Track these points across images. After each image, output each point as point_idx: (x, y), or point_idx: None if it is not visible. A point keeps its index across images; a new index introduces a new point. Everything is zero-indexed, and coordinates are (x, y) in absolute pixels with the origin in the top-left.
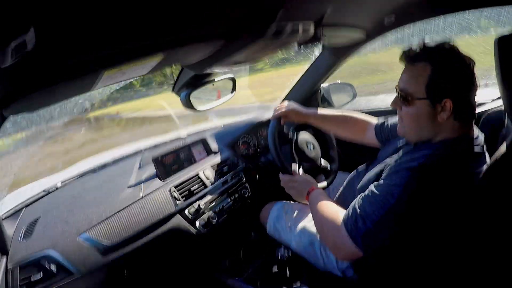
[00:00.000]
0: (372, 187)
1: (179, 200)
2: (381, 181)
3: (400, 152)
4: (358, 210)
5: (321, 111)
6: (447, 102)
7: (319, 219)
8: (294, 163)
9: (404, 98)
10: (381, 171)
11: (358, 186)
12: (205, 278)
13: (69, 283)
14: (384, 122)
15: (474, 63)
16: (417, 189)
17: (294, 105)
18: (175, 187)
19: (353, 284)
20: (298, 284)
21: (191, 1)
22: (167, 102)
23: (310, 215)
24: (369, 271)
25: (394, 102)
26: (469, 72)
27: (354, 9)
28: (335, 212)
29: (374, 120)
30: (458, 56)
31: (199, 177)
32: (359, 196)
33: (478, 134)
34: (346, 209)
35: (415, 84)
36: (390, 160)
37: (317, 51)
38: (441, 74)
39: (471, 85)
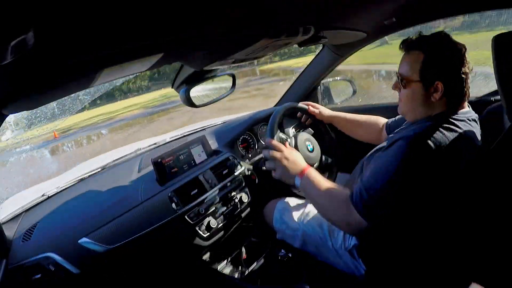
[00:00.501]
0: (373, 161)
1: (179, 205)
2: (381, 154)
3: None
4: (362, 184)
5: (344, 114)
6: (438, 84)
7: (323, 196)
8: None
9: (401, 81)
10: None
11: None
12: (205, 278)
13: (69, 283)
14: (393, 120)
15: (466, 48)
16: (413, 157)
17: (322, 107)
18: (175, 191)
19: (353, 284)
20: (298, 284)
21: (191, 1)
22: None
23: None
24: (371, 251)
25: (394, 85)
26: (460, 56)
27: (354, 13)
28: (337, 188)
29: (385, 120)
30: (450, 43)
31: (199, 181)
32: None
33: (469, 111)
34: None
35: (410, 69)
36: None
37: None
38: (432, 60)
39: (461, 68)
